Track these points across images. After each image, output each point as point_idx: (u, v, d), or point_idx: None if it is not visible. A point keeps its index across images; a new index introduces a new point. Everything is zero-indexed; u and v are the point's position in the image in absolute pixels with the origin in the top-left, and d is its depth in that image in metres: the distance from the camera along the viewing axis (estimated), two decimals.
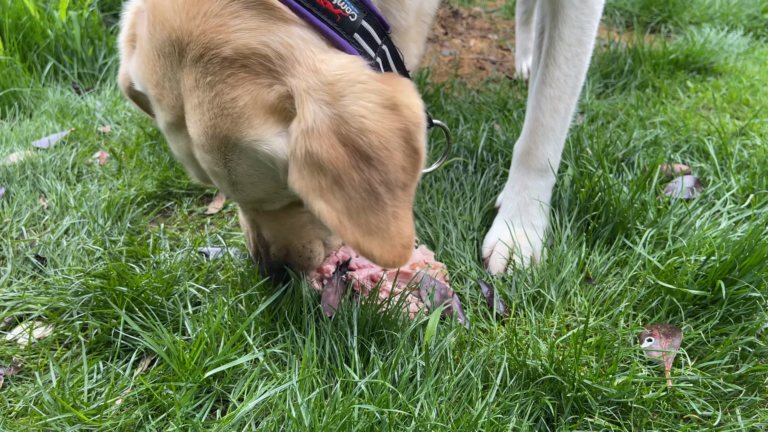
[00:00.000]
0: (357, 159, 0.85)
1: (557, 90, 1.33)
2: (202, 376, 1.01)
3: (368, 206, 0.88)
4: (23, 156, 1.78)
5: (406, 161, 0.87)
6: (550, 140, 1.36)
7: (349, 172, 0.85)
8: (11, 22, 2.29)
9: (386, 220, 0.89)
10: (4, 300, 1.29)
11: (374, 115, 0.84)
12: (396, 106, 0.85)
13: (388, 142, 0.85)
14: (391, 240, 0.90)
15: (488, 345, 1.07)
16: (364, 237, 0.89)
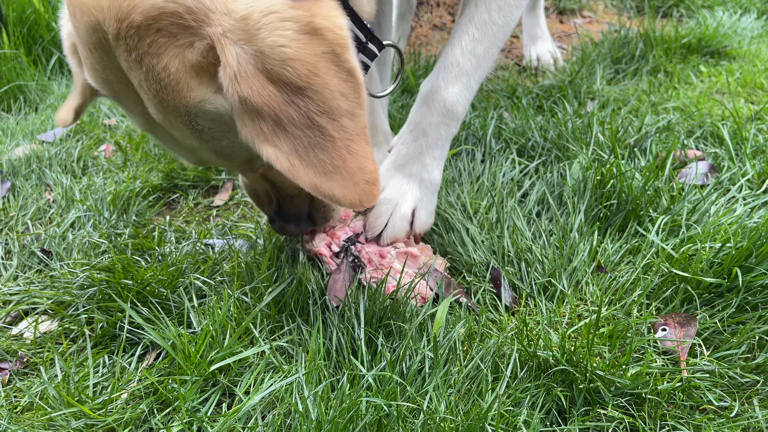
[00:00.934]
0: (289, 93, 0.81)
1: (481, 32, 1.24)
2: (207, 370, 1.00)
3: (315, 143, 0.84)
4: (29, 150, 1.77)
5: (343, 86, 0.83)
6: (461, 82, 1.24)
7: (285, 110, 0.82)
8: (16, 15, 2.28)
9: (341, 156, 0.85)
10: (9, 294, 1.28)
11: (295, 43, 0.79)
12: (317, 30, 0.81)
13: (315, 67, 0.80)
14: (351, 177, 0.86)
15: (498, 336, 1.05)
16: (320, 178, 0.85)
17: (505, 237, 1.27)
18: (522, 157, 1.58)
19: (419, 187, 1.26)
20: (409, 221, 1.25)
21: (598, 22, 3.09)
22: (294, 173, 0.84)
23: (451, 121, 1.25)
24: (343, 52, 0.82)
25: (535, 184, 1.47)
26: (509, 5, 1.25)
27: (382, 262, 1.20)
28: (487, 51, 1.25)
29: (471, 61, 1.24)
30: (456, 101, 1.24)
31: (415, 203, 1.26)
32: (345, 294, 1.13)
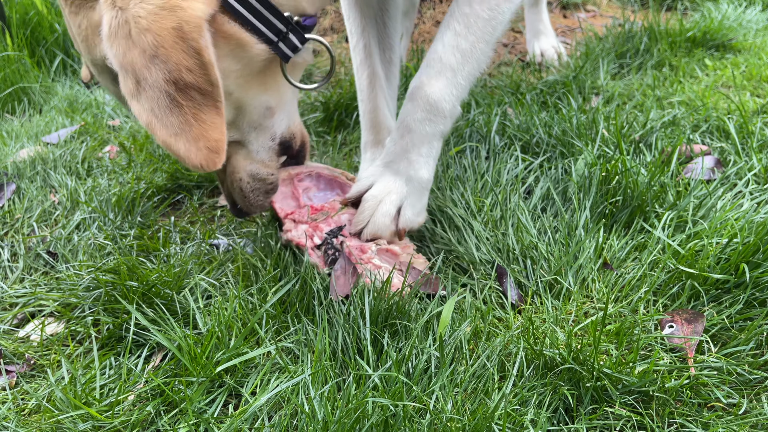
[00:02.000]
0: (146, 59, 0.93)
1: (463, 27, 1.23)
2: (213, 371, 1.00)
3: (167, 106, 0.95)
4: (33, 152, 1.77)
5: (189, 62, 0.94)
6: (445, 78, 1.22)
7: (143, 72, 0.93)
8: (19, 17, 2.28)
9: (187, 121, 0.96)
10: (16, 296, 1.29)
11: (151, 16, 0.92)
12: (173, 8, 0.92)
13: (163, 39, 0.92)
14: (195, 142, 0.96)
15: (504, 334, 1.05)
16: (170, 137, 0.96)
17: (510, 234, 1.26)
18: (526, 154, 1.57)
19: (406, 184, 1.26)
20: (393, 219, 1.25)
21: (602, 16, 3.08)
22: (151, 129, 0.96)
23: (436, 117, 1.24)
24: (191, 30, 0.93)
25: (539, 181, 1.46)
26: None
27: (362, 256, 1.19)
28: (473, 46, 1.23)
29: (455, 56, 1.23)
30: (440, 97, 1.23)
31: (400, 201, 1.25)
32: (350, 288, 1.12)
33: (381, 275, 1.15)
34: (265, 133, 1.22)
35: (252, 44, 1.07)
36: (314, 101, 2.02)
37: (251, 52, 1.08)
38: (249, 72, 1.11)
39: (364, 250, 1.21)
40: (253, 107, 1.17)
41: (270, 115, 1.21)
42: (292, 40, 1.11)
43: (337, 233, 1.24)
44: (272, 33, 1.08)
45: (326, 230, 1.24)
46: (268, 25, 1.07)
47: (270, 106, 1.20)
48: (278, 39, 1.09)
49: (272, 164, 1.26)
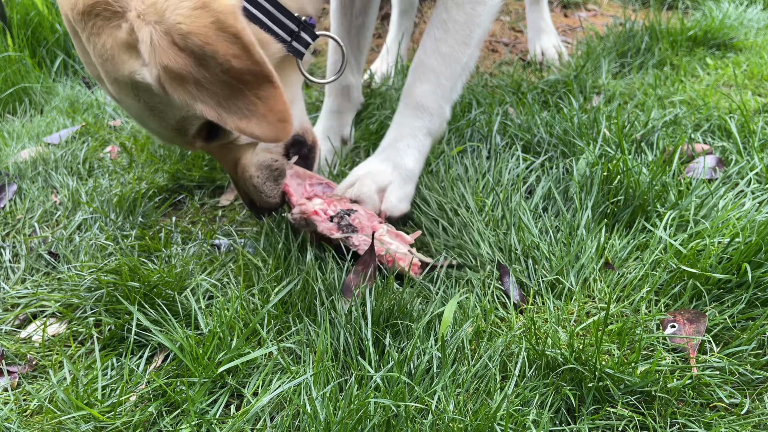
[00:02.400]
0: (196, 59, 0.98)
1: (442, 32, 1.31)
2: (215, 371, 1.00)
3: (230, 95, 1.01)
4: (35, 152, 1.77)
5: (233, 48, 0.98)
6: (429, 80, 1.32)
7: (200, 71, 0.99)
8: (19, 17, 2.28)
9: (252, 102, 1.02)
10: (17, 297, 1.29)
11: (189, 19, 0.96)
12: (205, 5, 0.97)
13: (207, 37, 0.97)
14: (265, 118, 1.03)
15: (506, 335, 1.05)
16: (242, 121, 1.03)
17: (511, 234, 1.26)
18: (528, 153, 1.57)
19: (393, 170, 1.34)
20: (378, 192, 1.32)
21: (603, 15, 3.07)
22: (222, 120, 1.02)
23: (422, 114, 1.34)
24: (227, 18, 0.97)
25: (540, 180, 1.46)
26: (468, 1, 1.30)
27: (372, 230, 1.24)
28: (453, 49, 1.31)
29: (436, 59, 1.32)
30: (425, 97, 1.33)
31: (385, 182, 1.33)
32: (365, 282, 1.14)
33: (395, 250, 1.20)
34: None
35: (270, 44, 1.13)
36: (315, 101, 2.02)
37: (269, 52, 1.12)
38: None
39: (375, 228, 1.25)
40: None
41: None
42: (305, 37, 1.17)
43: (350, 213, 1.27)
44: (286, 33, 1.14)
45: (339, 207, 1.28)
46: (282, 26, 1.13)
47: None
48: (291, 38, 1.15)
49: (277, 151, 1.31)
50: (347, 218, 1.25)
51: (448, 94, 1.35)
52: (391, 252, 1.20)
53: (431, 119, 1.35)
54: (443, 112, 1.37)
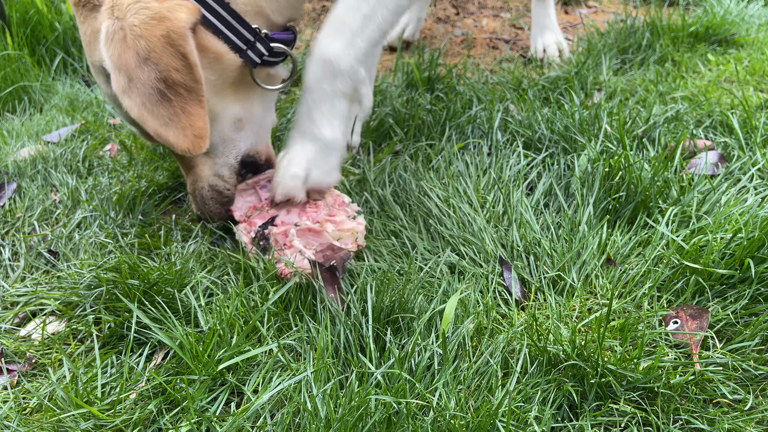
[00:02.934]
0: (139, 61, 1.09)
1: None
2: (215, 369, 1.00)
3: (158, 101, 1.11)
4: (34, 150, 1.77)
5: (176, 63, 1.10)
6: (343, 37, 1.24)
7: (136, 72, 1.09)
8: (19, 16, 2.28)
9: (176, 113, 1.11)
10: (17, 295, 1.28)
11: (144, 25, 1.08)
12: (162, 18, 1.09)
13: (154, 45, 1.08)
14: (183, 130, 1.12)
15: (508, 331, 1.04)
16: (161, 127, 1.12)
17: (513, 230, 1.26)
18: (529, 150, 1.57)
19: (312, 144, 1.28)
20: (303, 179, 1.29)
21: (604, 12, 3.07)
22: (143, 120, 1.11)
23: (335, 77, 1.24)
24: (177, 38, 1.09)
25: (541, 177, 1.45)
26: None
27: (285, 241, 1.24)
28: (374, 10, 1.25)
29: (355, 18, 1.25)
30: (338, 55, 1.23)
31: (307, 161, 1.28)
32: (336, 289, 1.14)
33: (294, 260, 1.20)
34: (231, 148, 1.32)
35: (225, 54, 1.20)
36: None
37: (224, 63, 1.21)
38: (223, 81, 1.24)
39: (286, 234, 1.25)
40: (225, 118, 1.28)
41: (239, 127, 1.32)
42: (259, 48, 1.24)
43: (269, 224, 1.29)
44: (242, 42, 1.21)
45: (259, 224, 1.29)
46: (238, 35, 1.20)
47: (240, 118, 1.31)
48: (247, 47, 1.22)
49: (231, 180, 1.35)
50: (265, 233, 1.27)
51: (363, 56, 1.26)
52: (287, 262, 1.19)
53: (344, 81, 1.25)
54: (357, 74, 1.26)
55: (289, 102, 1.99)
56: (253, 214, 1.33)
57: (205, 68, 1.17)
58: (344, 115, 1.30)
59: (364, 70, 1.28)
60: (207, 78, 1.19)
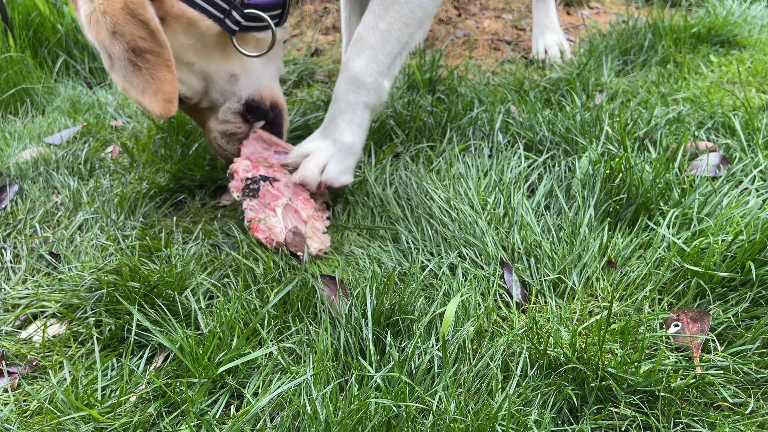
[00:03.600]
0: (111, 36, 1.17)
1: (382, 9, 1.38)
2: (215, 372, 1.00)
3: (132, 71, 1.19)
4: (36, 152, 1.77)
5: (139, 31, 1.17)
6: (365, 54, 1.38)
7: (111, 47, 1.18)
8: (21, 18, 2.28)
9: (147, 81, 1.19)
10: (18, 298, 1.28)
11: (106, 2, 1.16)
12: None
13: (117, 18, 1.16)
14: (155, 96, 1.20)
15: (508, 334, 1.04)
16: (139, 95, 1.20)
17: (514, 232, 1.25)
18: (530, 152, 1.56)
19: (333, 145, 1.41)
20: (319, 170, 1.40)
21: (606, 13, 3.06)
22: (126, 92, 1.21)
23: (359, 89, 1.39)
24: (135, 7, 1.16)
25: (543, 179, 1.45)
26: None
27: (271, 202, 1.34)
28: (391, 26, 1.37)
29: (374, 35, 1.37)
30: (362, 71, 1.38)
31: (327, 158, 1.41)
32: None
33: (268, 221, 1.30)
34: (231, 99, 1.42)
35: (200, 20, 1.28)
36: (317, 100, 2.01)
37: (201, 28, 1.29)
38: (204, 45, 1.32)
39: (275, 198, 1.35)
40: (218, 75, 1.38)
41: (235, 81, 1.41)
42: (235, 16, 1.31)
43: (267, 180, 1.38)
44: (217, 11, 1.29)
45: (261, 173, 1.39)
46: (212, 4, 1.28)
47: (234, 73, 1.40)
48: (224, 16, 1.30)
49: (236, 121, 1.45)
50: (258, 184, 1.36)
51: (386, 69, 1.40)
52: (267, 223, 1.29)
53: (367, 93, 1.39)
54: (380, 87, 1.41)
55: (290, 103, 1.99)
56: (262, 162, 1.42)
57: (180, 34, 1.27)
58: (365, 124, 1.44)
59: (387, 81, 1.42)
60: (185, 42, 1.29)
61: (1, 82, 2.06)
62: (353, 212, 1.44)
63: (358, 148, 1.43)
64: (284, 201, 1.35)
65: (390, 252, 1.28)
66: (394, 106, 1.88)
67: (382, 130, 1.79)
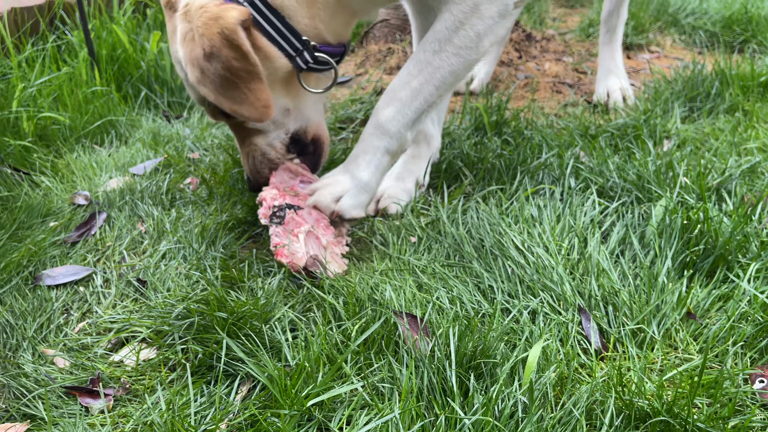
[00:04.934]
0: (207, 55, 1.34)
1: (416, 69, 1.49)
2: (305, 404, 1.03)
3: (227, 85, 1.36)
4: (122, 182, 1.87)
5: (233, 54, 1.33)
6: (394, 106, 1.49)
7: (206, 64, 1.35)
8: (107, 53, 2.43)
9: (243, 92, 1.37)
10: (110, 322, 1.35)
11: (205, 25, 1.32)
12: (217, 18, 1.32)
13: (213, 41, 1.32)
14: (252, 104, 1.38)
15: (590, 382, 1.05)
16: (235, 105, 1.38)
17: (591, 279, 1.27)
18: (600, 197, 1.58)
19: (351, 180, 1.52)
20: (334, 199, 1.51)
21: (667, 57, 3.07)
22: (219, 103, 1.39)
23: (383, 135, 1.50)
24: (231, 33, 1.31)
25: (615, 225, 1.46)
26: (445, 51, 1.46)
27: (295, 229, 1.43)
28: (422, 86, 1.48)
29: (405, 91, 1.49)
30: (388, 120, 1.49)
31: (342, 190, 1.51)
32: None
33: (291, 247, 1.40)
34: (280, 129, 1.57)
35: (276, 57, 1.43)
36: None
37: (275, 63, 1.44)
38: (273, 78, 1.46)
39: (299, 225, 1.45)
40: (276, 106, 1.49)
41: (287, 114, 1.56)
42: (306, 56, 1.47)
43: (292, 208, 1.48)
44: (291, 49, 1.44)
45: (287, 201, 1.49)
46: (289, 43, 1.43)
47: (288, 108, 1.55)
48: (296, 54, 1.45)
49: (281, 151, 1.59)
50: (284, 212, 1.46)
51: (410, 122, 1.51)
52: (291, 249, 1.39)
53: (390, 141, 1.50)
54: (403, 137, 1.52)
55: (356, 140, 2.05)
56: (288, 191, 1.53)
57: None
58: (383, 167, 1.54)
59: (410, 133, 1.53)
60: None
61: (89, 114, 2.18)
62: (427, 250, 1.48)
63: (374, 186, 1.54)
64: (306, 228, 1.44)
65: (470, 292, 1.30)
66: (462, 147, 1.93)
67: (450, 170, 1.83)
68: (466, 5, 1.43)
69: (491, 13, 1.44)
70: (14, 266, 1.49)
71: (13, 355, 1.29)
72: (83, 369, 1.24)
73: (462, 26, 1.44)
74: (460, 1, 1.43)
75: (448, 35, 1.46)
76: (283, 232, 1.43)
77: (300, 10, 1.44)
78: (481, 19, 1.43)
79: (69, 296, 1.44)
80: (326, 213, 1.51)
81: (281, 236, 1.42)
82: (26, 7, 2.58)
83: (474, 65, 1.54)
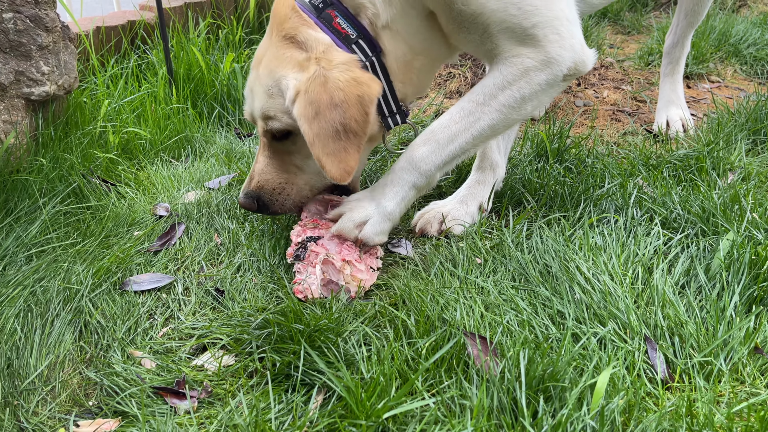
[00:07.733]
0: (331, 104, 1.40)
1: (459, 115, 1.55)
2: (381, 417, 1.09)
3: (331, 136, 1.41)
4: (199, 195, 1.98)
5: (357, 116, 1.41)
6: (430, 145, 1.56)
7: (325, 110, 1.40)
8: (183, 73, 2.57)
9: (339, 150, 1.42)
10: (191, 328, 1.44)
11: (345, 83, 1.41)
12: (362, 83, 1.42)
13: (348, 99, 1.40)
14: (339, 163, 1.42)
15: (659, 411, 1.08)
16: (324, 155, 1.42)
17: (657, 310, 1.29)
18: (663, 228, 1.60)
19: (376, 208, 1.58)
20: (357, 226, 1.56)
21: (727, 87, 3.05)
22: (313, 145, 1.42)
23: (413, 170, 1.57)
24: (366, 100, 1.42)
25: (680, 257, 1.48)
26: (489, 105, 1.53)
27: (312, 262, 1.50)
28: (460, 132, 1.55)
29: (444, 134, 1.56)
30: (421, 158, 1.56)
31: (365, 217, 1.57)
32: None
33: (308, 279, 1.48)
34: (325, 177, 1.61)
35: (376, 121, 1.53)
36: None
37: (374, 127, 1.53)
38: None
39: (317, 255, 1.52)
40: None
41: None
42: (397, 118, 1.60)
43: (314, 239, 1.55)
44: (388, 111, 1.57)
45: (307, 234, 1.57)
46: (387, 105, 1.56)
47: None
48: (389, 115, 1.58)
49: (311, 196, 1.68)
50: (306, 246, 1.54)
51: (442, 164, 1.57)
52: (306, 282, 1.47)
53: (419, 177, 1.57)
54: (432, 176, 1.59)
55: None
56: (307, 224, 1.61)
57: None
58: (408, 200, 1.61)
59: (440, 174, 1.60)
60: None
61: (167, 130, 2.31)
62: (493, 272, 1.52)
63: (396, 217, 1.60)
64: (322, 257, 1.51)
65: (538, 315, 1.34)
66: (524, 172, 1.97)
67: (512, 195, 1.88)
68: (516, 68, 1.50)
69: (540, 80, 1.50)
70: (104, 272, 1.60)
71: (104, 355, 1.39)
72: (168, 371, 1.32)
73: (509, 86, 1.51)
74: (511, 64, 1.50)
75: (495, 92, 1.53)
76: (303, 267, 1.51)
77: (398, 75, 1.56)
78: (530, 84, 1.50)
79: (153, 302, 1.54)
80: (349, 239, 1.57)
81: (302, 271, 1.50)
82: (111, 26, 2.75)
83: (514, 125, 1.62)
